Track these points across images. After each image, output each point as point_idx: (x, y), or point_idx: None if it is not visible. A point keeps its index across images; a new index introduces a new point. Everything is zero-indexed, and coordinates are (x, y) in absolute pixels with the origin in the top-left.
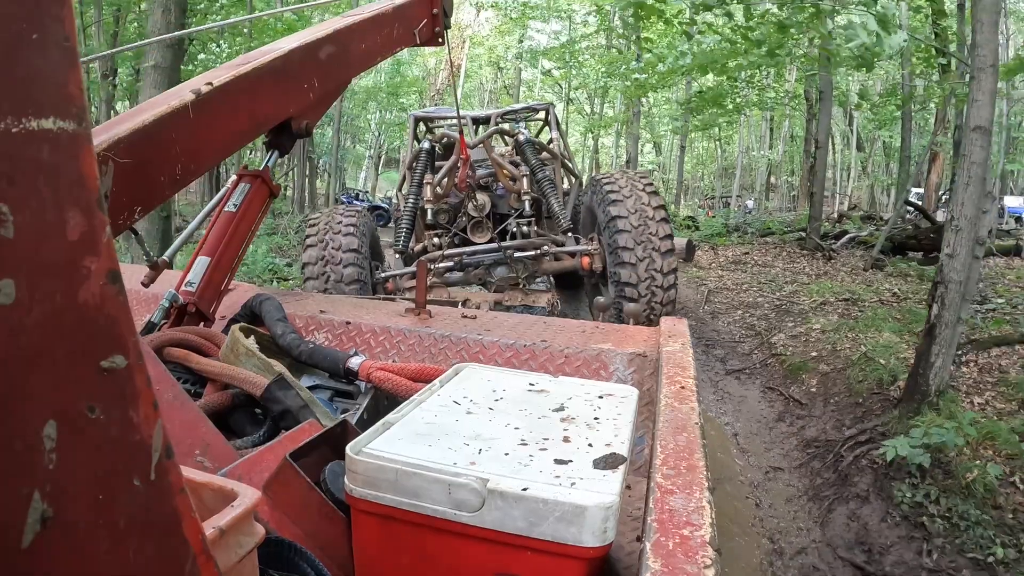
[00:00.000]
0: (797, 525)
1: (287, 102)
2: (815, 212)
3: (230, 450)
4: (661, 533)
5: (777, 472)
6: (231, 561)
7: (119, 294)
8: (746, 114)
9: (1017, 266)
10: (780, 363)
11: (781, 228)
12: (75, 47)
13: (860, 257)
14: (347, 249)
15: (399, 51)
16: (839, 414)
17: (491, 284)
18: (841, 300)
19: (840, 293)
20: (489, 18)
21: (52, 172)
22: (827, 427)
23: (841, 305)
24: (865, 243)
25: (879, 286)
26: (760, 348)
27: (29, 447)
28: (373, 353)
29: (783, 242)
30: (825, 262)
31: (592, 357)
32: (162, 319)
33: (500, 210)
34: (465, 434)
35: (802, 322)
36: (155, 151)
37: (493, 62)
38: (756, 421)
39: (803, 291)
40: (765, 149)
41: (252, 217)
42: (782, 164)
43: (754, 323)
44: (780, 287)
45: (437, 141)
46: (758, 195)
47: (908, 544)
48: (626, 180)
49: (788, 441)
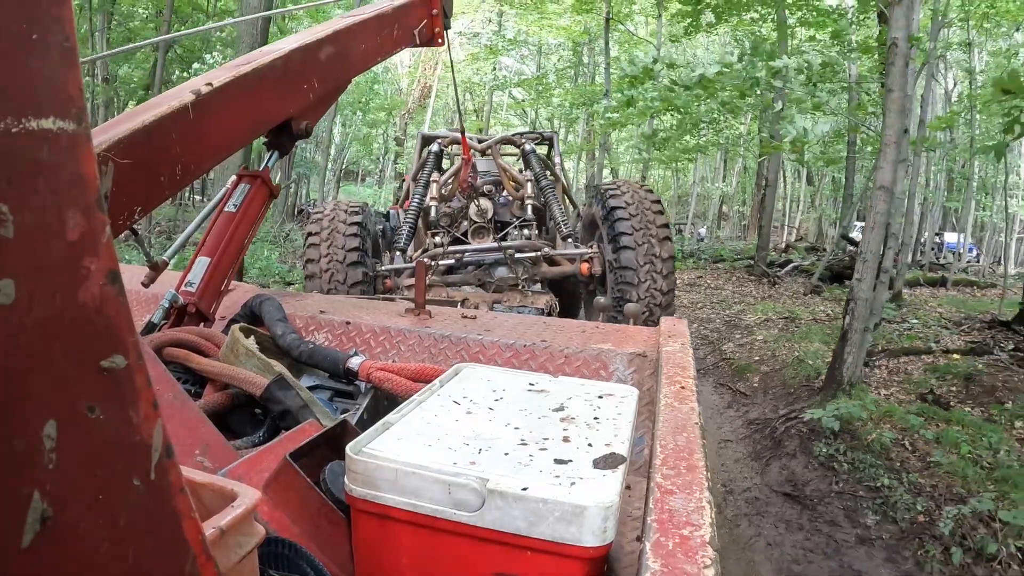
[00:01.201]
0: (743, 475)
1: (287, 103)
2: (763, 242)
3: (230, 450)
4: (661, 533)
5: (728, 443)
6: (231, 561)
7: (119, 294)
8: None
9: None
10: (729, 365)
11: (732, 256)
12: (75, 48)
13: (801, 283)
14: (351, 248)
15: (399, 51)
16: (775, 401)
17: (490, 284)
18: (782, 318)
19: (781, 312)
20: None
21: (52, 172)
22: (766, 410)
23: (781, 322)
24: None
25: (815, 308)
26: (712, 354)
27: (29, 447)
28: (373, 353)
29: (733, 268)
30: (770, 287)
31: (592, 357)
32: (162, 319)
33: (502, 218)
34: (465, 434)
35: (748, 334)
36: (155, 151)
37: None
38: (710, 408)
39: (749, 310)
40: (719, 181)
41: (252, 217)
42: (734, 195)
43: (707, 334)
44: (730, 306)
45: (446, 145)
46: (710, 224)
47: (822, 479)
48: (628, 187)
49: (735, 422)
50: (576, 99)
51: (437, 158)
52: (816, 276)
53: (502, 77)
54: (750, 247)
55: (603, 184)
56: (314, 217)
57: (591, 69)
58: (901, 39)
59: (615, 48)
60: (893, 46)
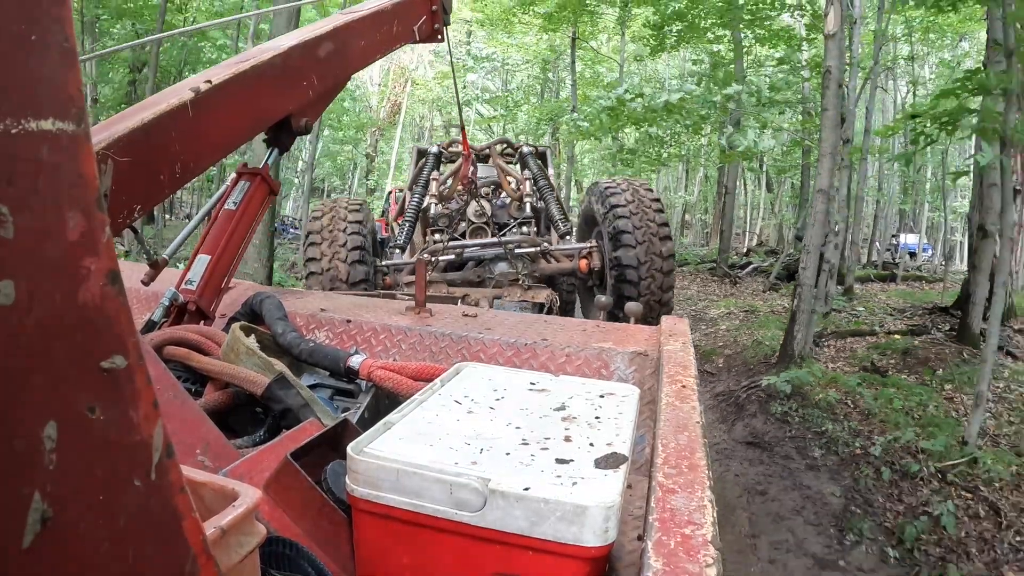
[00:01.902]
0: (713, 435)
1: (286, 99)
2: (724, 245)
3: (231, 449)
4: (663, 532)
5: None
6: (232, 561)
7: (119, 294)
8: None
9: (890, 289)
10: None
11: (695, 260)
12: (74, 48)
13: (761, 282)
14: (353, 247)
15: (399, 48)
16: (738, 376)
17: (490, 280)
18: (742, 311)
19: (742, 307)
20: (432, 62)
21: (52, 173)
22: (730, 384)
23: (742, 314)
24: (766, 272)
25: (773, 302)
26: None
27: (29, 447)
28: (374, 351)
29: (697, 271)
30: (732, 286)
31: (593, 356)
32: (162, 317)
33: (499, 219)
34: (466, 434)
35: (712, 325)
36: (154, 149)
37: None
38: None
39: (713, 306)
40: (681, 191)
41: (252, 215)
42: (697, 204)
43: None
44: (695, 303)
45: (445, 147)
46: (674, 231)
47: (778, 430)
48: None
49: (704, 395)
50: (543, 114)
51: (436, 159)
52: (774, 275)
53: (470, 94)
54: (713, 252)
55: (603, 182)
56: (313, 215)
57: (556, 85)
58: (834, 67)
59: (580, 64)
60: (827, 73)
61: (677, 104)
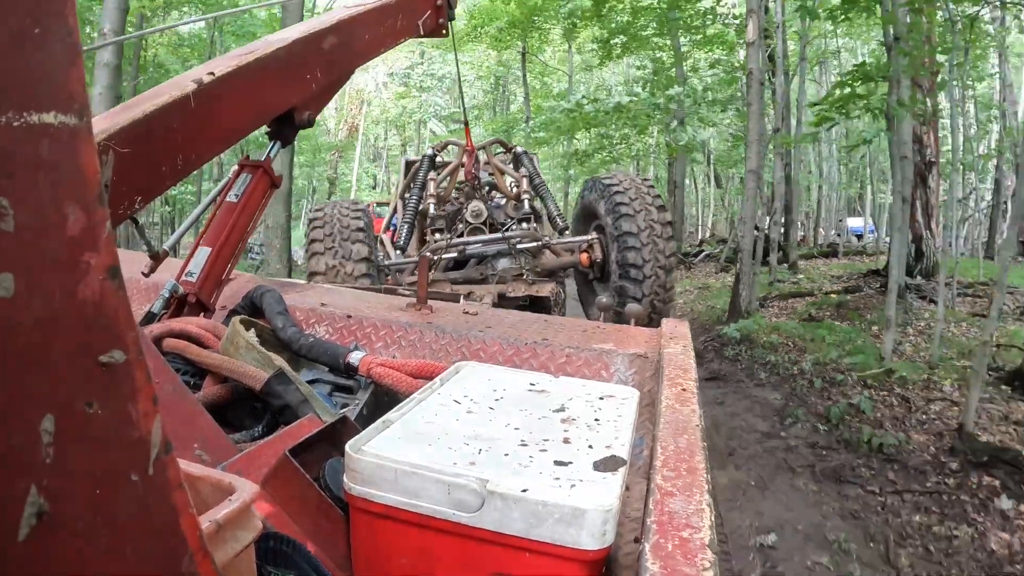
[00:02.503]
0: None
1: (290, 92)
2: (676, 236)
3: (229, 444)
4: (660, 535)
5: None
6: (228, 555)
7: (119, 289)
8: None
9: (833, 263)
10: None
11: None
12: (77, 42)
13: (713, 267)
14: (359, 259)
15: (403, 42)
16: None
17: (493, 277)
18: (697, 288)
19: (697, 285)
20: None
21: (52, 167)
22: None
23: (696, 291)
24: (717, 258)
25: (724, 280)
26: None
27: (26, 441)
28: (373, 347)
29: None
30: (687, 271)
31: (593, 357)
32: (162, 309)
33: (496, 219)
34: (465, 434)
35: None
36: (156, 141)
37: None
38: None
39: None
40: None
41: (253, 208)
42: None
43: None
44: None
45: (439, 150)
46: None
47: (731, 367)
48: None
49: None
50: (498, 127)
51: (431, 161)
52: (724, 257)
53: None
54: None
55: (603, 177)
56: (314, 215)
57: (506, 98)
58: (755, 69)
59: (529, 76)
60: (750, 74)
61: (627, 106)
